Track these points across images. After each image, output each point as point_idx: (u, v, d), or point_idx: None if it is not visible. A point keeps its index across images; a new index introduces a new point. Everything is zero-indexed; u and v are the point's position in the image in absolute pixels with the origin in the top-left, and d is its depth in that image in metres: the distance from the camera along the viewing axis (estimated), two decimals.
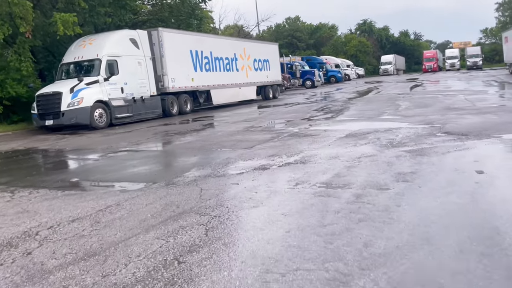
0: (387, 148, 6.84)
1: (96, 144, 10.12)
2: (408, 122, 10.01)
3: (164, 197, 4.62)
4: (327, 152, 6.90)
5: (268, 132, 10.14)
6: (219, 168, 6.12)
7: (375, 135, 8.33)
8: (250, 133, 10.16)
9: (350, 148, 7.12)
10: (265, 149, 7.67)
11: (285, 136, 9.20)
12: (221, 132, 10.89)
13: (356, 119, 11.48)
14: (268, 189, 4.67)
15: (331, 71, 45.17)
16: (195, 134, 10.96)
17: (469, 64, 54.89)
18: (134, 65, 15.06)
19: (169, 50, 16.59)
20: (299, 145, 7.83)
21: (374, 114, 12.29)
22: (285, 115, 14.30)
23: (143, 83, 15.43)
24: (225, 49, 20.57)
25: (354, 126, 10.29)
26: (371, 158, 6.09)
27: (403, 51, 70.71)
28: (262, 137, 9.23)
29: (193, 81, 18.04)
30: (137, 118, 15.12)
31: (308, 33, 65.17)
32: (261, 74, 23.90)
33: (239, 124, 12.46)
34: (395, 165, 5.53)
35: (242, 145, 8.34)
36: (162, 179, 5.63)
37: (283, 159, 6.57)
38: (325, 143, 7.83)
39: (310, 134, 9.13)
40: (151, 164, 6.95)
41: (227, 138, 9.56)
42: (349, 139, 8.12)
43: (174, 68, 16.83)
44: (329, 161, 6.09)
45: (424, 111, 12.05)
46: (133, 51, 15.11)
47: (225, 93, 20.35)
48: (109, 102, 13.89)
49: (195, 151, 8.17)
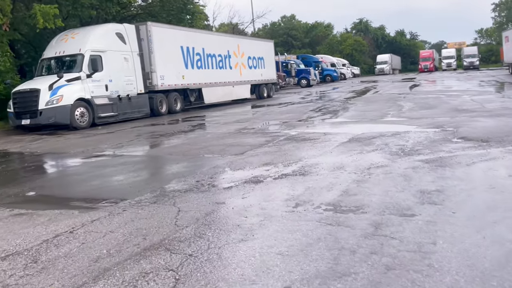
0: (399, 157, 5.95)
1: (72, 147, 9.14)
2: (416, 125, 9.13)
3: (130, 222, 3.68)
4: (330, 160, 5.99)
5: (262, 135, 9.22)
6: (204, 180, 5.19)
7: (382, 140, 7.44)
8: (242, 135, 9.24)
9: (356, 156, 6.21)
10: (258, 155, 6.75)
11: (281, 140, 8.28)
12: (210, 134, 9.95)
13: (358, 121, 10.59)
14: (261, 212, 3.75)
15: (326, 70, 44.33)
16: (182, 136, 10.00)
17: (465, 64, 54.32)
18: (120, 61, 14.06)
19: (158, 46, 15.60)
20: (297, 152, 6.92)
21: (376, 116, 11.41)
22: (281, 115, 13.39)
23: (130, 80, 14.43)
24: (218, 45, 19.60)
25: (356, 129, 9.39)
26: (383, 170, 5.19)
27: (399, 51, 70.06)
28: (255, 141, 8.31)
29: (183, 79, 17.06)
30: (122, 118, 14.13)
31: (303, 31, 64.31)
32: (256, 72, 22.95)
33: (231, 125, 11.53)
34: (414, 179, 4.63)
35: (232, 150, 7.41)
36: (135, 194, 4.69)
37: (279, 169, 5.65)
38: (326, 149, 6.93)
39: (308, 138, 8.22)
40: (126, 174, 5.99)
41: (216, 141, 8.63)
42: (353, 144, 7.22)
43: (164, 65, 15.85)
44: (334, 173, 5.18)
45: (431, 113, 11.19)
46: (119, 46, 14.11)
47: (218, 92, 19.39)
48: (92, 101, 12.88)
49: (179, 157, 7.23)
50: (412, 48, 73.38)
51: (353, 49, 62.27)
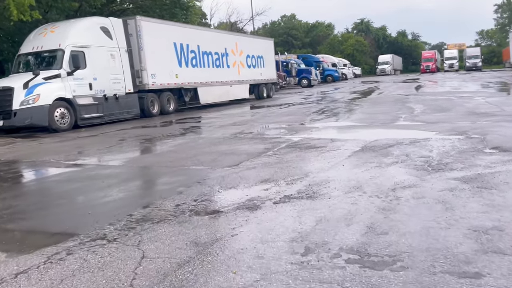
0: (427, 173, 4.85)
1: (42, 154, 8.01)
2: (435, 130, 8.04)
3: (69, 278, 2.57)
4: (343, 176, 4.89)
5: (260, 140, 8.12)
6: (185, 204, 4.08)
7: (401, 149, 6.34)
8: (239, 141, 8.13)
9: (373, 170, 5.11)
10: (256, 168, 5.65)
11: (282, 147, 7.18)
12: (203, 139, 8.84)
13: (368, 125, 9.48)
14: (257, 264, 2.64)
15: (328, 70, 43.31)
16: (170, 142, 8.89)
17: (468, 65, 53.28)
18: (106, 58, 12.93)
19: (149, 42, 14.49)
20: (301, 163, 5.82)
21: (387, 119, 10.31)
22: (281, 117, 12.29)
23: (117, 78, 13.31)
24: (214, 43, 18.48)
25: (367, 134, 8.29)
26: (413, 192, 4.09)
27: (400, 51, 69.02)
28: (252, 148, 7.20)
29: (177, 78, 15.94)
30: (109, 119, 13.00)
31: (304, 31, 63.22)
32: (255, 72, 21.85)
33: (227, 128, 10.42)
34: (458, 208, 3.53)
35: (225, 160, 6.30)
36: (91, 226, 3.58)
37: (281, 188, 4.55)
38: (336, 160, 5.83)
39: (314, 146, 7.12)
40: (90, 193, 4.87)
41: (209, 148, 7.52)
42: (367, 154, 6.12)
43: (155, 63, 14.73)
44: (350, 196, 4.08)
45: (447, 116, 10.10)
46: (105, 41, 12.98)
47: (214, 92, 18.27)
48: (74, 100, 11.75)
49: (162, 169, 6.11)
50: (413, 48, 72.33)
51: (355, 49, 61.20)
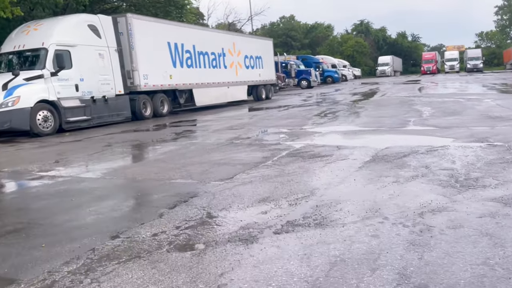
0: (456, 191, 4.07)
1: (15, 163, 7.19)
2: (451, 137, 7.27)
3: None
4: (356, 195, 4.11)
5: (258, 147, 7.32)
6: (163, 235, 3.29)
7: (418, 160, 5.56)
8: (234, 149, 7.34)
9: (391, 187, 4.33)
10: (252, 182, 4.86)
11: (282, 156, 6.39)
12: (196, 145, 8.04)
13: (375, 130, 8.70)
14: None
15: (327, 71, 42.61)
16: (160, 149, 8.10)
17: (469, 66, 52.64)
18: (94, 58, 12.12)
19: (141, 41, 13.69)
20: (305, 177, 5.02)
21: (395, 123, 9.54)
22: (281, 121, 11.50)
23: (106, 79, 12.50)
24: (211, 42, 17.69)
25: (377, 141, 7.51)
26: (446, 219, 3.30)
27: (400, 53, 68.32)
28: (249, 157, 6.42)
29: (171, 79, 15.14)
30: (97, 122, 12.19)
31: (303, 32, 62.50)
32: (253, 72, 21.07)
33: (222, 133, 9.64)
34: (509, 243, 2.75)
35: (218, 172, 5.51)
36: (35, 271, 2.78)
37: (282, 210, 3.76)
38: (345, 173, 5.04)
39: (318, 154, 6.33)
40: (51, 217, 4.06)
41: (200, 157, 6.73)
42: (380, 165, 5.33)
43: (147, 63, 13.94)
44: (369, 223, 3.29)
45: (460, 120, 9.33)
46: (93, 40, 12.17)
47: (211, 93, 17.47)
48: (58, 103, 10.92)
49: (144, 183, 5.31)
50: (413, 50, 71.63)
51: (354, 50, 60.47)
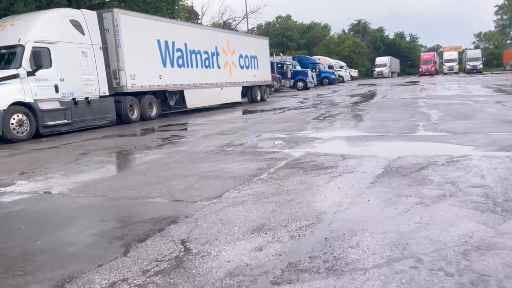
0: (500, 218, 3.23)
1: None
2: (471, 144, 6.44)
3: None
4: (374, 223, 3.25)
5: (252, 156, 6.46)
6: (121, 285, 2.41)
7: (440, 173, 4.72)
8: (225, 157, 6.47)
9: (416, 211, 3.48)
10: (244, 203, 4.00)
11: (280, 167, 5.53)
12: (182, 154, 7.17)
13: (382, 136, 7.86)
14: None
15: (324, 72, 41.87)
16: (141, 157, 7.22)
17: (468, 67, 51.97)
18: (76, 56, 11.22)
19: (128, 39, 12.80)
20: (308, 195, 4.17)
21: (403, 128, 8.70)
22: (277, 125, 10.65)
23: (90, 79, 11.59)
24: (204, 41, 16.83)
25: (386, 149, 6.67)
26: (500, 262, 2.45)
27: (398, 53, 67.68)
28: (242, 169, 5.55)
29: (161, 79, 14.26)
30: (79, 126, 11.29)
31: (299, 32, 61.71)
32: (248, 73, 20.21)
33: (213, 138, 8.77)
34: None
35: (204, 188, 4.65)
36: None
37: (282, 246, 2.89)
38: (355, 190, 4.19)
39: (321, 165, 5.47)
40: None
41: (185, 168, 5.86)
42: (396, 180, 4.49)
43: (135, 62, 13.05)
44: (398, 269, 2.43)
45: (474, 125, 8.51)
46: (75, 37, 11.27)
47: (203, 94, 16.59)
48: (35, 105, 10.02)
49: (114, 203, 4.43)
50: (411, 50, 71.00)
51: (351, 51, 59.73)
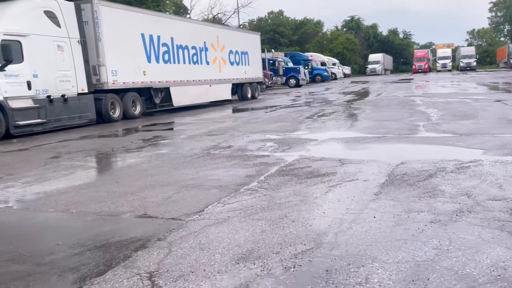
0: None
1: None
2: (480, 147, 5.83)
3: None
4: (383, 247, 2.58)
5: (241, 161, 5.77)
6: None
7: (451, 182, 4.08)
8: (211, 162, 5.78)
9: (431, 231, 2.82)
10: (229, 221, 3.31)
11: (272, 174, 4.85)
12: (163, 158, 6.45)
13: (381, 137, 7.20)
14: None
15: (317, 69, 41.20)
16: (117, 162, 6.50)
17: (462, 65, 51.70)
18: (51, 50, 10.41)
19: (110, 32, 12.00)
20: (304, 211, 3.48)
21: (403, 129, 8.06)
22: (269, 124, 9.97)
23: (66, 75, 10.79)
24: (191, 35, 16.06)
25: (387, 152, 6.02)
26: None
27: (391, 50, 67.27)
28: (228, 176, 4.86)
29: (145, 75, 13.48)
30: (55, 126, 10.49)
31: (292, 28, 61.02)
32: (238, 70, 19.48)
33: (199, 140, 8.06)
34: None
35: (184, 201, 3.96)
36: None
37: (274, 283, 2.21)
38: (359, 204, 3.52)
39: (318, 172, 4.80)
40: None
41: (165, 175, 5.15)
42: (404, 192, 3.83)
43: (117, 57, 12.25)
44: None
45: (478, 125, 7.91)
46: (50, 29, 10.45)
47: (191, 92, 15.83)
48: (4, 103, 9.21)
49: (74, 221, 3.71)
50: (405, 47, 70.64)
51: (344, 47, 59.17)
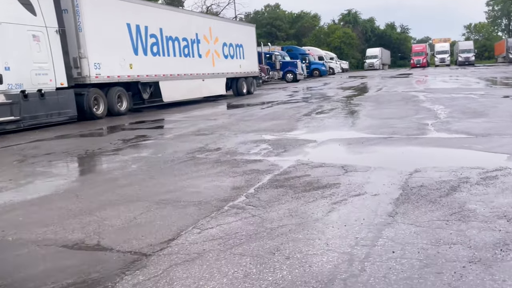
0: None
1: None
2: (502, 151, 5.10)
3: None
4: None
5: (229, 167, 4.97)
6: None
7: (481, 199, 3.31)
8: (194, 169, 4.98)
9: (473, 278, 2.01)
10: (203, 257, 2.51)
11: (263, 185, 4.06)
12: (140, 163, 5.65)
13: (388, 138, 6.42)
14: None
15: (314, 64, 40.35)
16: (83, 170, 5.69)
17: (460, 59, 51.02)
18: (26, 40, 9.55)
19: (92, 22, 11.13)
20: (301, 241, 2.68)
21: (410, 128, 7.27)
22: (264, 122, 9.17)
23: (43, 68, 9.93)
24: (182, 26, 15.19)
25: (397, 156, 5.25)
26: None
27: (389, 45, 66.42)
28: (212, 188, 4.06)
29: (131, 69, 12.62)
30: (30, 124, 9.64)
31: (288, 22, 60.05)
32: (233, 63, 18.63)
33: (186, 140, 7.26)
34: None
35: (151, 225, 3.16)
36: None
37: None
38: (371, 232, 2.72)
39: (317, 183, 4.01)
40: None
41: (136, 188, 4.35)
42: (425, 212, 3.05)
43: (100, 49, 11.40)
44: None
45: (492, 124, 7.15)
46: (24, 17, 9.58)
47: (182, 87, 14.99)
48: None
49: (2, 257, 2.91)
50: (402, 42, 69.82)
51: (342, 41, 58.28)
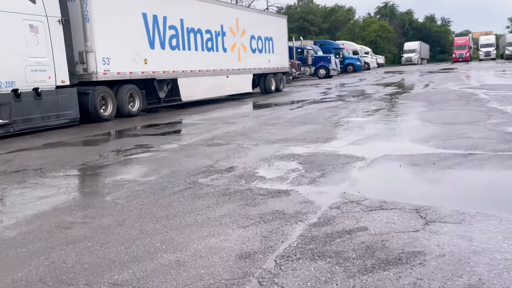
0: None
1: None
2: None
3: None
4: None
5: (240, 207, 3.37)
6: None
7: None
8: (189, 208, 3.40)
9: None
10: None
11: (291, 251, 2.38)
12: (120, 191, 4.15)
13: (467, 156, 4.63)
14: None
15: (348, 58, 38.13)
16: (27, 211, 4.23)
17: (508, 53, 47.17)
18: (20, 31, 8.26)
19: (102, 10, 9.80)
20: None
21: (493, 139, 5.42)
22: (293, 128, 7.51)
23: (40, 63, 8.63)
24: (206, 17, 13.70)
25: (497, 193, 3.48)
26: None
27: (428, 38, 62.76)
28: (206, 257, 2.42)
29: (146, 64, 11.22)
30: (23, 128, 8.34)
31: (322, 16, 57.67)
32: (261, 58, 16.98)
33: (193, 153, 5.73)
34: None
35: None
36: None
37: None
38: None
39: (384, 249, 2.29)
40: None
41: (101, 238, 2.81)
42: None
43: (110, 42, 10.05)
44: None
45: None
46: (20, 5, 8.29)
47: (203, 84, 13.49)
48: None
49: None
50: (442, 35, 65.86)
51: (378, 35, 55.37)
